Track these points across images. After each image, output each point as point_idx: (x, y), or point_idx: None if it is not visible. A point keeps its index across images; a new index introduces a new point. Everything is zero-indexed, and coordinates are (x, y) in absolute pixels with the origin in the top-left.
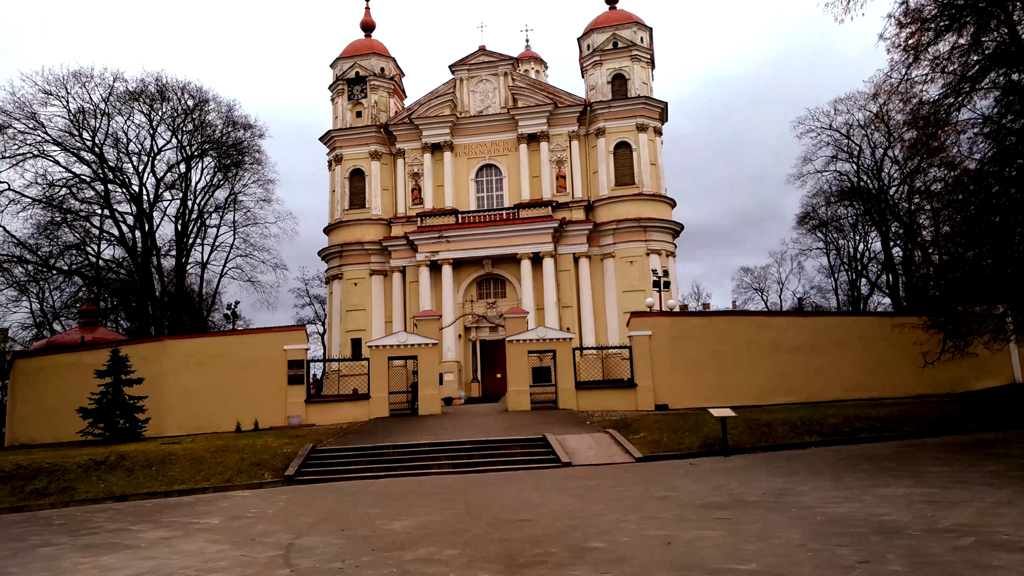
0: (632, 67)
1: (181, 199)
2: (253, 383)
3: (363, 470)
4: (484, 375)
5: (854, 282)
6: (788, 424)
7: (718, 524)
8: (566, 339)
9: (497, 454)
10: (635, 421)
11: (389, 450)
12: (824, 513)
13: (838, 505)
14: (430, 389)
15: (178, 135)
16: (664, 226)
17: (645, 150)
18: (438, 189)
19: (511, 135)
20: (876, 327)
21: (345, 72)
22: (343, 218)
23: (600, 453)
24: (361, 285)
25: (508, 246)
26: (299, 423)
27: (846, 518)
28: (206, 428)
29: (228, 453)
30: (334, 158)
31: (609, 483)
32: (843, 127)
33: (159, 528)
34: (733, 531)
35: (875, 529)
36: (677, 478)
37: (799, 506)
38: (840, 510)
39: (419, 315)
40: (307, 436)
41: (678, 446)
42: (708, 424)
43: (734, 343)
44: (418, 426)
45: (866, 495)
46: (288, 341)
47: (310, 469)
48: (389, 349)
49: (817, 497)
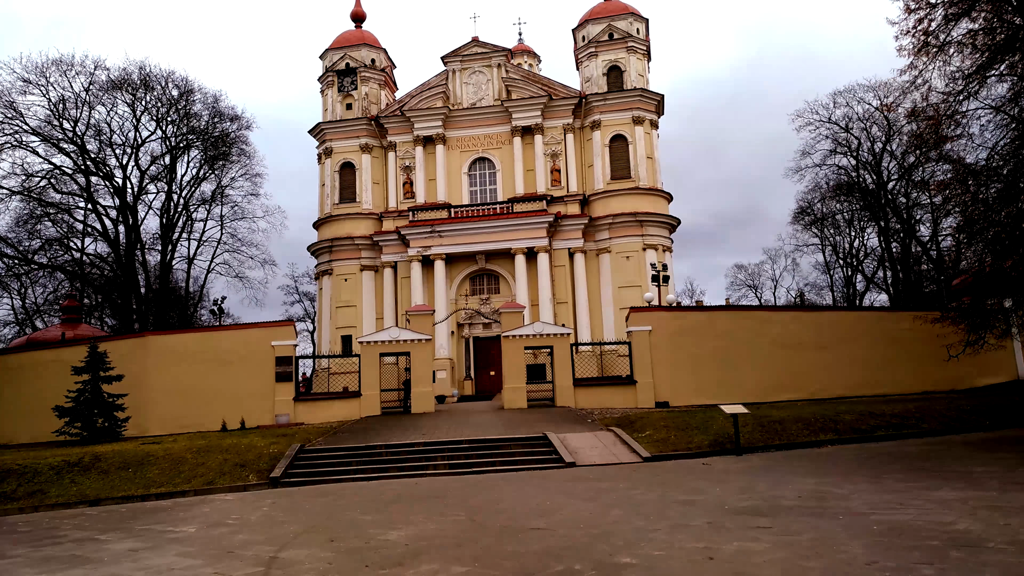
0: (628, 59)
1: (166, 192)
2: (240, 381)
3: (354, 471)
4: (477, 373)
5: (849, 278)
6: (801, 421)
7: (762, 534)
8: (564, 334)
9: (496, 454)
10: (639, 419)
11: (382, 450)
12: (880, 521)
13: (892, 511)
14: (423, 386)
15: (162, 126)
16: (660, 221)
17: (641, 143)
18: (430, 183)
19: (505, 128)
20: (879, 322)
21: (335, 63)
22: (333, 212)
23: (605, 452)
24: (351, 281)
25: (502, 241)
26: (287, 422)
27: (909, 527)
28: (191, 427)
29: (211, 453)
30: (324, 151)
31: (621, 485)
32: (842, 120)
33: (129, 538)
34: (783, 543)
35: (950, 541)
36: (693, 479)
37: (846, 512)
38: (897, 517)
39: (412, 310)
40: (295, 435)
41: (687, 445)
42: (717, 421)
43: (736, 339)
44: (411, 425)
45: (916, 499)
46: (276, 337)
47: (298, 470)
48: (381, 345)
49: (863, 501)
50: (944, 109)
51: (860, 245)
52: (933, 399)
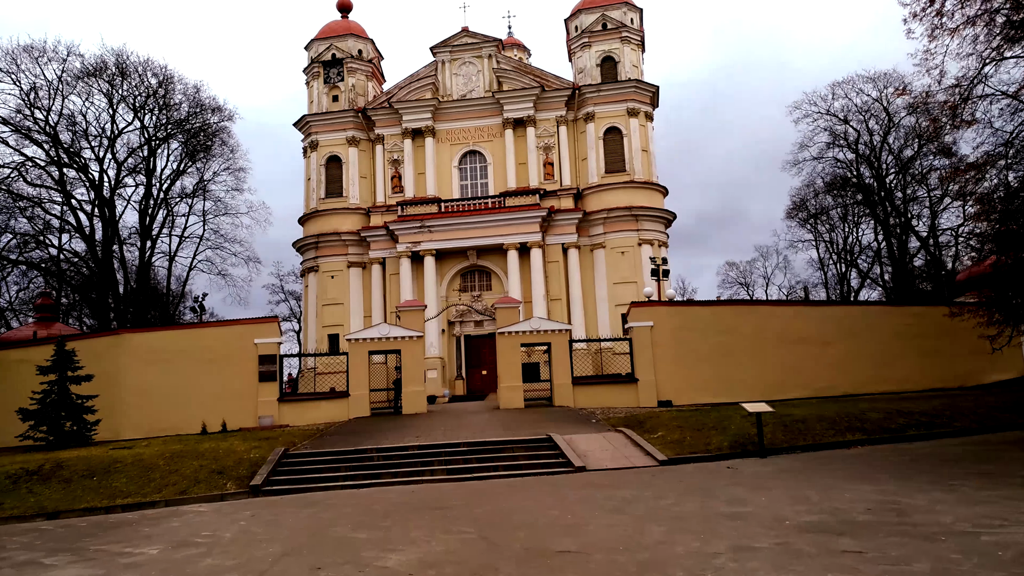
0: (622, 49)
1: (145, 185)
2: (221, 381)
3: (343, 478)
4: (469, 372)
5: (844, 274)
6: (825, 420)
7: (860, 563)
8: (562, 330)
9: (498, 457)
10: (648, 418)
11: (373, 454)
12: (998, 543)
13: (999, 529)
14: (415, 385)
15: (140, 116)
16: (656, 215)
17: (636, 136)
18: (419, 177)
19: (496, 120)
20: (884, 317)
21: (320, 54)
22: (319, 207)
23: (616, 455)
24: (338, 278)
25: (494, 236)
26: (271, 424)
27: None
28: (168, 430)
29: (185, 459)
30: (309, 144)
31: (646, 493)
32: (841, 111)
33: (78, 562)
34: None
35: None
36: (725, 484)
37: (944, 530)
38: (1017, 539)
39: (402, 305)
40: (279, 438)
41: (705, 446)
42: (734, 421)
43: (739, 335)
44: (403, 426)
45: (1016, 512)
46: (259, 334)
47: (281, 477)
48: (370, 342)
49: (955, 516)
50: (960, 93)
51: (855, 241)
52: (955, 396)
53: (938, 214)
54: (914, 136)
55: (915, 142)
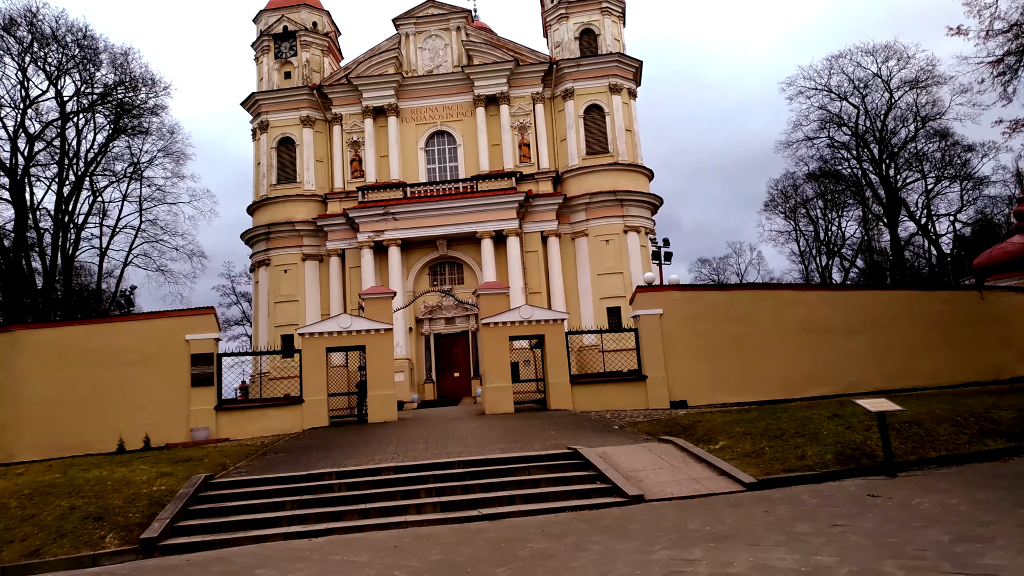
0: (602, 21)
1: (63, 165)
2: (144, 386)
3: (287, 521)
4: (439, 374)
5: (826, 267)
6: (943, 421)
7: None
8: (558, 320)
9: (510, 483)
10: (695, 423)
11: (332, 481)
12: None
13: None
14: (383, 388)
15: (57, 83)
16: (643, 200)
17: (619, 114)
18: (382, 159)
19: (466, 97)
20: (915, 304)
21: (271, 26)
22: (270, 194)
23: (678, 477)
24: (292, 272)
25: (466, 223)
26: (206, 438)
27: None
28: (76, 448)
29: (53, 498)
30: (259, 125)
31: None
32: (837, 88)
33: None
34: None
35: None
36: (901, 528)
37: None
38: None
39: (367, 292)
40: (205, 459)
41: (799, 461)
42: (820, 424)
43: (758, 323)
44: (371, 439)
45: None
46: (192, 329)
47: (193, 522)
48: (327, 338)
49: None
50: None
51: (837, 231)
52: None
53: (932, 201)
54: (913, 115)
55: (913, 121)
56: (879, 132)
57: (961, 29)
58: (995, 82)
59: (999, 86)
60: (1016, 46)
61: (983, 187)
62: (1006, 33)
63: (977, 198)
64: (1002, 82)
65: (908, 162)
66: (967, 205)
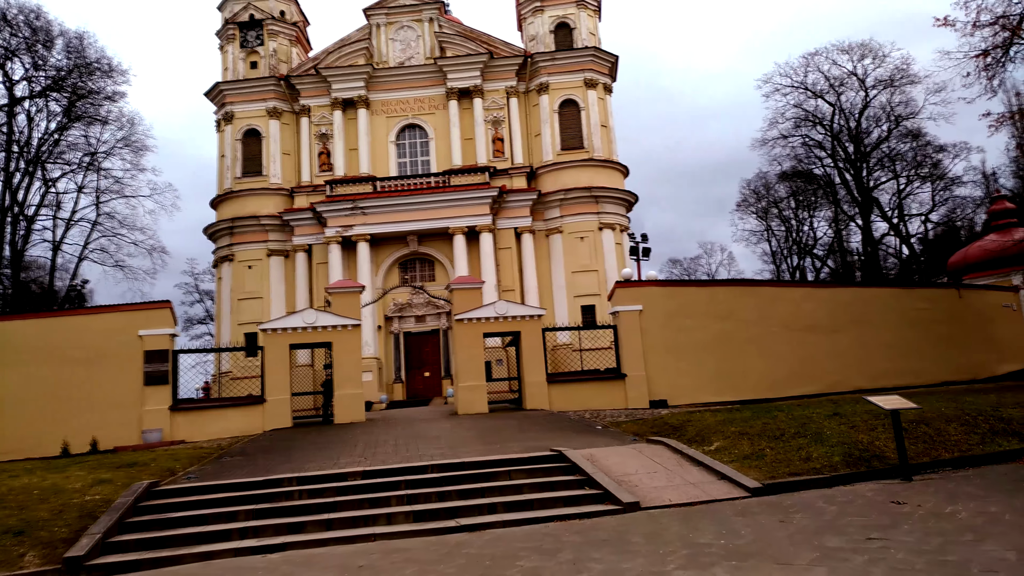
0: (578, 14)
1: (11, 153)
2: (93, 385)
3: (239, 534)
4: (409, 374)
5: (798, 266)
6: (952, 420)
7: None
8: (535, 316)
9: (490, 489)
10: (684, 423)
11: (293, 488)
12: None
13: None
14: (350, 387)
15: (5, 67)
16: (618, 197)
17: (595, 109)
18: (351, 153)
19: (439, 90)
20: (896, 301)
21: (236, 14)
22: (235, 188)
23: (675, 481)
24: (257, 268)
25: (438, 219)
26: (159, 440)
27: None
28: (15, 453)
29: None
30: (223, 116)
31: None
32: (813, 86)
33: None
34: None
35: None
36: (956, 543)
37: None
38: None
39: (334, 286)
40: (152, 463)
41: (804, 464)
42: (823, 423)
43: (742, 320)
44: (337, 440)
45: None
46: (145, 324)
47: (130, 537)
48: (291, 333)
49: None
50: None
51: (809, 231)
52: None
53: (903, 201)
54: (886, 115)
55: (887, 121)
56: (854, 131)
57: (948, 20)
58: (981, 75)
59: (984, 79)
60: (1002, 39)
61: (954, 187)
62: (992, 25)
63: (948, 199)
64: (987, 75)
65: (881, 162)
66: (939, 205)
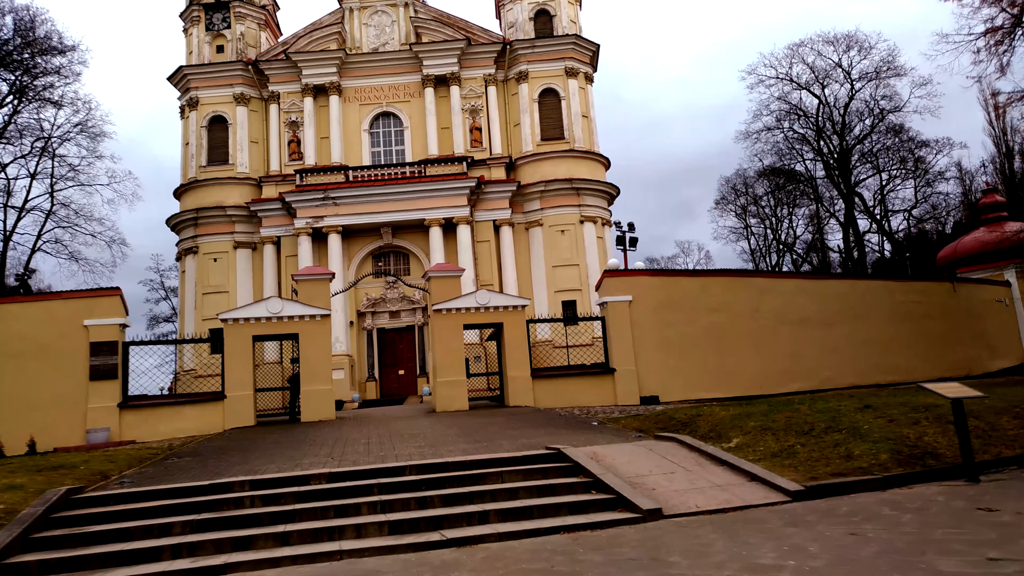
0: (558, 2)
1: None
2: (35, 381)
3: (172, 551)
4: (383, 372)
5: (777, 264)
6: (1004, 413)
7: None
8: (518, 307)
9: (479, 494)
10: (693, 418)
11: (243, 492)
12: None
13: None
14: (319, 383)
15: None
16: (599, 189)
17: (576, 99)
18: (322, 141)
19: (414, 77)
20: (889, 294)
21: None
22: (199, 176)
23: (698, 484)
24: (223, 261)
25: (413, 210)
26: (106, 440)
27: None
28: None
29: None
30: (188, 102)
31: None
32: (799, 77)
33: None
34: None
35: None
36: None
37: None
38: None
39: (302, 273)
40: (81, 467)
41: (847, 463)
42: (856, 416)
43: (735, 313)
44: (303, 440)
45: None
46: (92, 313)
47: (32, 558)
48: (254, 324)
49: None
50: None
51: (789, 228)
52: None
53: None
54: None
55: (869, 116)
56: (839, 124)
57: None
58: (990, 52)
59: (995, 58)
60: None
61: (936, 183)
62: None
63: (930, 195)
64: (998, 53)
65: (864, 156)
66: (921, 201)
